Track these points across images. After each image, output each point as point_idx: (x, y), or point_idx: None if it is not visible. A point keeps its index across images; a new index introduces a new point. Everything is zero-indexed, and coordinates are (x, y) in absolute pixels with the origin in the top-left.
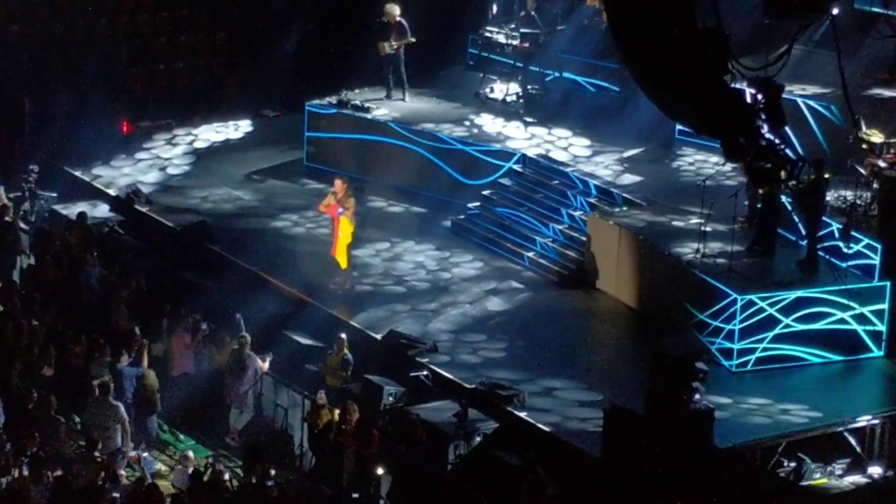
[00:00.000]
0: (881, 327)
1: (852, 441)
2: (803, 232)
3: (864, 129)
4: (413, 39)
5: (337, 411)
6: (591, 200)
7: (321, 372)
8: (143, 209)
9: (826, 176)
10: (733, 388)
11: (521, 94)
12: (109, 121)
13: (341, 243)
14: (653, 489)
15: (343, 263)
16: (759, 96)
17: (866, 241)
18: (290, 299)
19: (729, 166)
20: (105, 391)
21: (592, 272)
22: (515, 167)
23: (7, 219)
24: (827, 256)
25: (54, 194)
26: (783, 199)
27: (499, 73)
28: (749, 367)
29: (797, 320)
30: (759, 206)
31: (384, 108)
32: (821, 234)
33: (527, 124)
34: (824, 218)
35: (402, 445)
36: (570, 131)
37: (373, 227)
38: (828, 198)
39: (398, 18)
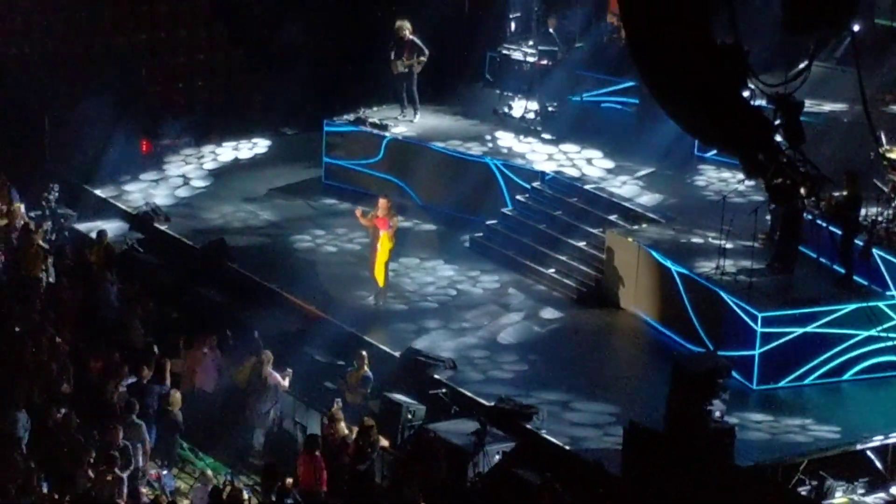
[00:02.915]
0: None
1: (875, 459)
2: (837, 248)
3: (885, 145)
4: (423, 58)
5: (356, 428)
6: (611, 217)
7: (341, 389)
8: (162, 227)
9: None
10: (754, 405)
11: (538, 111)
12: (129, 139)
13: (379, 260)
14: None
15: (380, 281)
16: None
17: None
18: (308, 317)
19: (745, 183)
20: (129, 410)
21: (612, 289)
22: (535, 184)
23: (34, 237)
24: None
25: (74, 213)
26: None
27: (516, 91)
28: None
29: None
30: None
31: (402, 125)
32: None
33: (547, 141)
34: None
35: (421, 463)
36: (600, 151)
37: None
38: None
39: (410, 36)
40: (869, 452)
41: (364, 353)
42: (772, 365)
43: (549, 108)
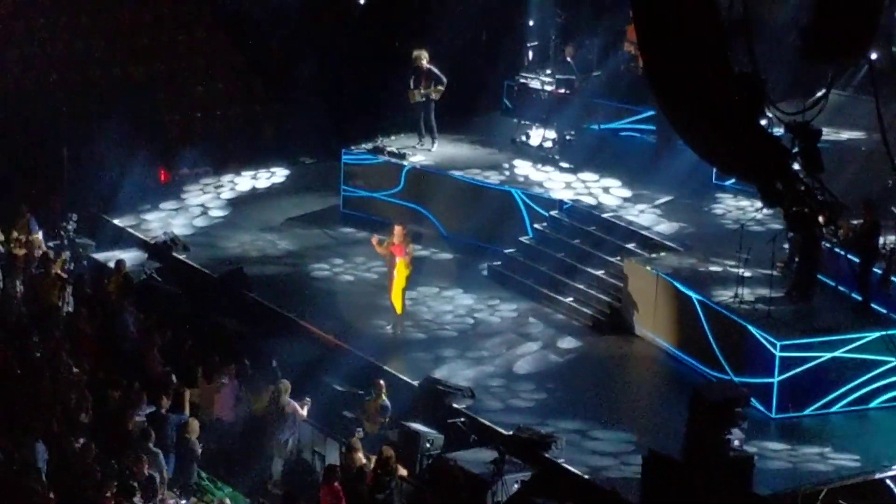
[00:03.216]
0: None
1: (894, 488)
2: (855, 276)
3: None
4: (441, 87)
5: (374, 457)
6: (629, 246)
7: (359, 418)
8: (181, 256)
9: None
10: (773, 434)
11: (556, 139)
12: (147, 169)
13: (397, 287)
14: None
15: (398, 309)
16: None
17: None
18: (326, 345)
19: (763, 211)
20: (145, 438)
21: (630, 317)
22: (553, 213)
23: (53, 267)
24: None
25: (92, 242)
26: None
27: (534, 119)
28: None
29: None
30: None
31: (420, 154)
32: None
33: (565, 170)
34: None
35: (439, 492)
36: (618, 180)
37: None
38: None
39: (427, 65)
40: (888, 481)
41: (382, 381)
42: (793, 393)
43: (567, 137)
